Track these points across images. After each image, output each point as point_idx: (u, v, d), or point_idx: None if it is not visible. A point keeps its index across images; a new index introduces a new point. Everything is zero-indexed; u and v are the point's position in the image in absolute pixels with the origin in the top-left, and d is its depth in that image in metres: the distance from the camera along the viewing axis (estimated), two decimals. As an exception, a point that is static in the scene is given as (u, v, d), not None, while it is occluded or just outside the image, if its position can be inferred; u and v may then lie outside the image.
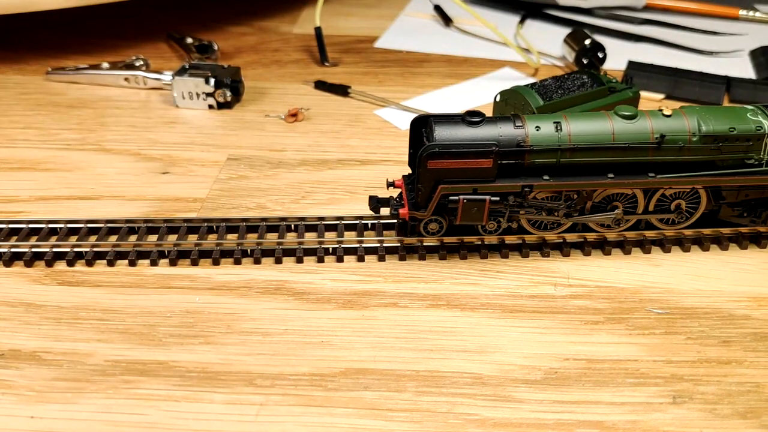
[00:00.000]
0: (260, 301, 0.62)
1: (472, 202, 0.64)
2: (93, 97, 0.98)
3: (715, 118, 0.65)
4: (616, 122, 0.64)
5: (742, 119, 0.65)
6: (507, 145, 0.63)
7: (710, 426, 0.51)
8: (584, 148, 0.64)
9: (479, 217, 0.65)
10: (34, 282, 0.64)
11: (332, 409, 0.53)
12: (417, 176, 0.64)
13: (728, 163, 0.66)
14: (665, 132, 0.64)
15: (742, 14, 1.22)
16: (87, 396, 0.53)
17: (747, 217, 0.69)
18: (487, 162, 0.63)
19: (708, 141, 0.64)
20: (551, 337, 0.59)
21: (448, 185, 0.63)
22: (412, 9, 1.31)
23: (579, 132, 0.64)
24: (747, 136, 0.64)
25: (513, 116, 0.65)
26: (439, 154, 0.62)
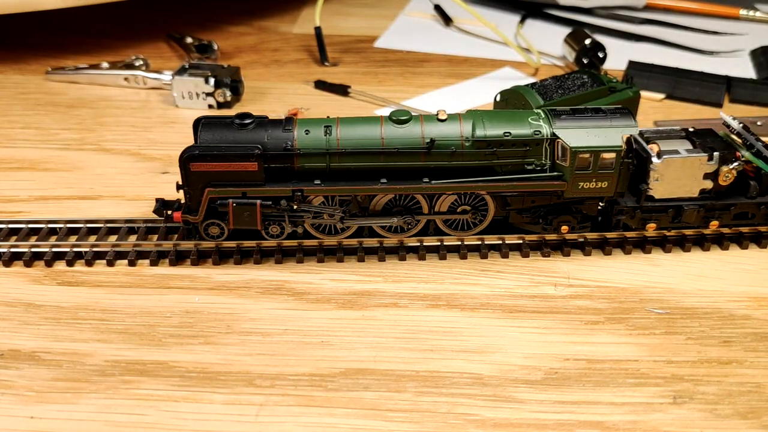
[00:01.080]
0: (260, 301, 0.62)
1: (242, 206, 0.63)
2: (92, 96, 0.98)
3: (491, 123, 0.63)
4: (387, 127, 0.63)
5: (521, 124, 0.64)
6: (274, 148, 0.62)
7: (711, 426, 0.51)
8: (353, 153, 0.63)
9: (252, 222, 0.64)
10: (33, 282, 0.64)
11: (332, 409, 0.52)
12: (183, 179, 0.63)
13: (507, 169, 0.64)
14: (436, 137, 0.63)
15: (742, 14, 1.22)
16: (86, 396, 0.53)
17: (539, 224, 0.67)
18: (252, 165, 0.62)
19: (482, 146, 0.63)
20: (551, 337, 0.59)
21: (215, 188, 0.63)
22: (412, 9, 1.31)
23: (348, 136, 0.63)
24: (524, 141, 0.63)
25: (285, 120, 0.64)
26: (200, 156, 0.62)
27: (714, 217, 0.67)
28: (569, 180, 0.64)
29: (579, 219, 0.67)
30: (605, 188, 0.64)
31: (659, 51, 1.13)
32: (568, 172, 0.63)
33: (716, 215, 0.67)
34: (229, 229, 0.65)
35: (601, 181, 0.64)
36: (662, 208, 0.66)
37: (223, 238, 0.66)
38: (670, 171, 0.64)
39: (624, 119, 0.64)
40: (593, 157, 0.63)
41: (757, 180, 0.67)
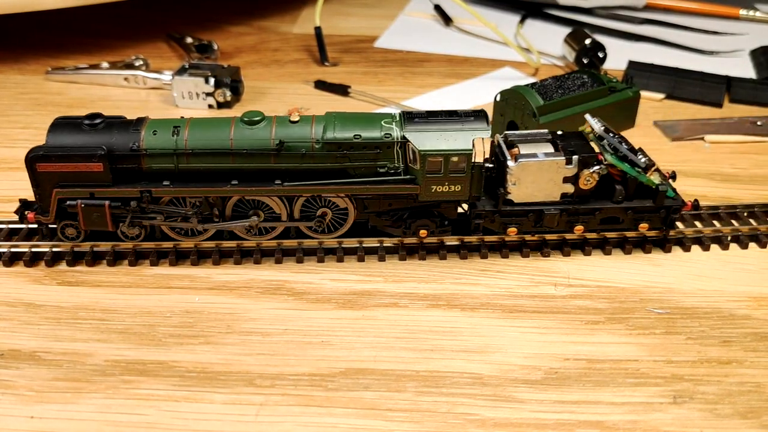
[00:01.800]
0: (260, 301, 0.62)
1: (90, 207, 0.63)
2: (92, 96, 0.98)
3: (342, 126, 0.63)
4: (237, 128, 0.63)
5: (372, 126, 0.63)
6: (121, 149, 0.62)
7: (711, 426, 0.51)
8: (202, 154, 0.62)
9: (103, 223, 0.63)
10: (33, 282, 0.64)
11: (332, 409, 0.52)
12: (31, 180, 0.63)
13: (360, 171, 0.64)
14: (286, 139, 0.62)
15: (742, 14, 1.22)
16: (86, 396, 0.53)
17: (399, 227, 0.67)
18: (96, 166, 0.62)
19: (332, 148, 0.63)
20: (551, 337, 0.59)
21: (63, 189, 0.62)
22: (412, 9, 1.31)
23: (196, 137, 0.62)
24: (375, 143, 0.63)
25: (136, 120, 0.64)
26: (45, 157, 0.61)
27: (578, 221, 0.67)
28: (422, 183, 0.63)
29: (438, 223, 0.66)
30: (459, 192, 0.64)
31: (659, 51, 1.13)
32: (419, 175, 0.63)
33: (580, 220, 0.66)
34: (84, 230, 0.65)
35: (454, 185, 0.63)
36: (523, 212, 0.66)
37: (80, 239, 0.66)
38: (527, 174, 0.64)
39: (476, 123, 0.63)
40: (443, 161, 0.62)
41: (623, 184, 0.66)
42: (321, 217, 0.66)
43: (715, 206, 0.72)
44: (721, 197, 0.77)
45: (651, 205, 0.66)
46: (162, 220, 0.64)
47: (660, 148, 0.86)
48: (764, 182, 0.80)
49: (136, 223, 0.64)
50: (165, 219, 0.64)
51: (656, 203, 0.66)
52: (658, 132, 0.90)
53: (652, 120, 0.93)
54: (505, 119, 0.85)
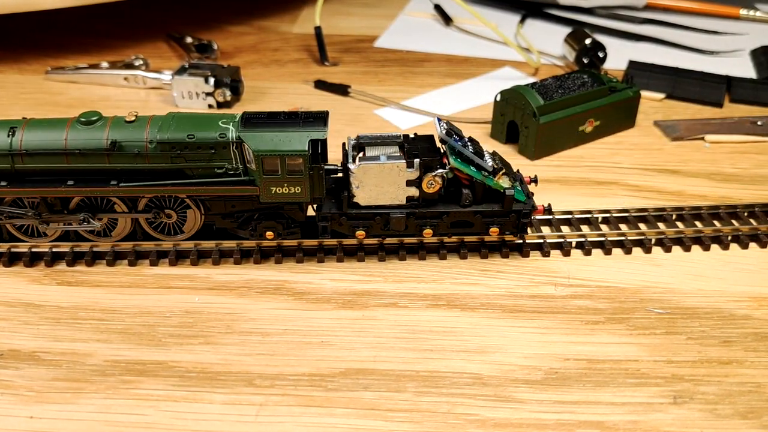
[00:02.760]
0: (260, 301, 0.62)
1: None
2: (92, 96, 0.98)
3: (177, 126, 0.62)
4: (73, 128, 0.63)
5: (208, 127, 0.62)
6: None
7: (711, 426, 0.51)
8: (36, 154, 0.62)
9: None
10: (33, 282, 0.64)
11: (332, 409, 0.52)
12: None
13: (198, 172, 0.63)
14: (120, 139, 0.62)
15: (742, 14, 1.22)
16: (86, 396, 0.53)
17: (246, 229, 0.66)
18: None
19: (165, 148, 0.62)
20: (552, 337, 0.59)
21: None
22: (412, 8, 1.31)
23: (31, 138, 0.62)
24: (209, 143, 0.62)
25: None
26: None
27: (427, 225, 0.66)
28: (260, 185, 0.63)
29: (285, 225, 0.66)
30: (299, 193, 0.63)
31: (659, 51, 1.13)
32: (258, 176, 0.63)
33: (428, 223, 0.66)
34: None
35: (293, 186, 0.63)
36: (369, 215, 0.65)
37: None
38: (369, 177, 0.64)
39: (315, 125, 0.63)
40: (280, 162, 0.62)
41: (470, 188, 0.65)
42: (159, 211, 0.65)
43: (715, 206, 0.72)
44: (721, 197, 0.76)
45: (499, 209, 0.65)
46: (5, 220, 0.65)
47: (660, 148, 0.86)
48: (764, 182, 0.80)
49: None
50: (6, 219, 0.64)
51: (504, 207, 0.65)
52: (659, 132, 0.90)
53: (653, 120, 0.93)
54: (505, 119, 0.85)
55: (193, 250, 0.66)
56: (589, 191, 0.78)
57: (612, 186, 0.78)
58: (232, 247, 0.67)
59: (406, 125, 0.91)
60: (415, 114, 0.94)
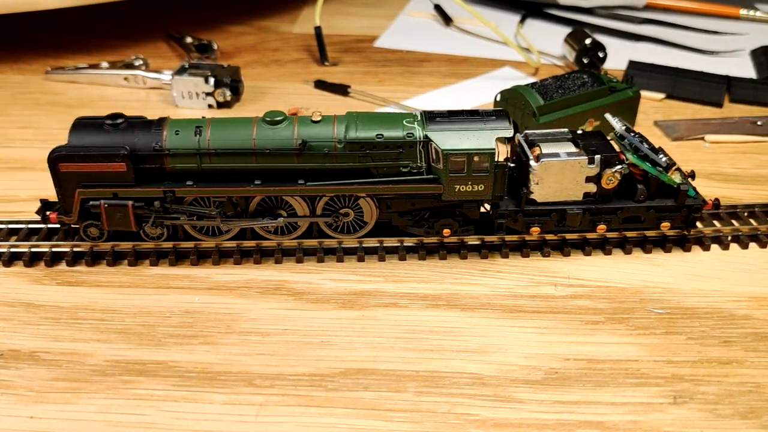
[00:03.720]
0: (260, 301, 0.62)
1: (114, 207, 0.62)
2: (92, 96, 0.98)
3: (364, 125, 0.63)
4: (260, 128, 0.63)
5: (394, 126, 0.63)
6: (143, 149, 0.62)
7: (711, 426, 0.51)
8: (224, 154, 0.62)
9: (126, 223, 0.63)
10: (33, 282, 0.64)
11: (332, 409, 0.52)
12: (54, 180, 0.62)
13: (383, 171, 0.64)
14: (309, 138, 0.62)
15: (742, 14, 1.22)
16: (86, 396, 0.53)
17: (422, 227, 0.67)
18: (120, 166, 0.61)
19: (354, 147, 0.62)
20: (552, 337, 0.59)
21: (86, 189, 0.62)
22: (412, 8, 1.31)
23: (219, 137, 0.62)
24: (397, 143, 0.63)
25: (157, 120, 0.63)
26: (67, 157, 0.61)
27: (601, 221, 0.66)
28: (445, 183, 0.63)
29: (461, 222, 0.66)
30: (482, 191, 0.64)
31: (659, 51, 1.13)
32: (443, 174, 0.63)
33: (602, 219, 0.66)
34: (107, 230, 0.65)
35: (477, 184, 0.63)
36: (546, 212, 0.66)
37: (102, 239, 0.66)
38: (550, 174, 0.64)
39: (499, 122, 0.63)
40: (467, 160, 0.62)
41: (645, 183, 0.66)
42: (338, 213, 0.66)
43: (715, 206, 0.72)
44: (721, 197, 0.76)
45: (673, 204, 0.66)
46: (185, 220, 0.64)
47: (660, 148, 0.86)
48: (764, 182, 0.80)
49: (158, 223, 0.64)
50: (188, 218, 0.64)
51: (678, 202, 0.66)
52: (659, 132, 0.90)
53: (653, 120, 0.93)
54: (505, 119, 0.85)
55: (193, 250, 0.66)
56: (589, 191, 0.77)
57: (612, 186, 0.78)
58: (232, 247, 0.67)
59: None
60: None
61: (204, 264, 0.66)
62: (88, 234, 0.65)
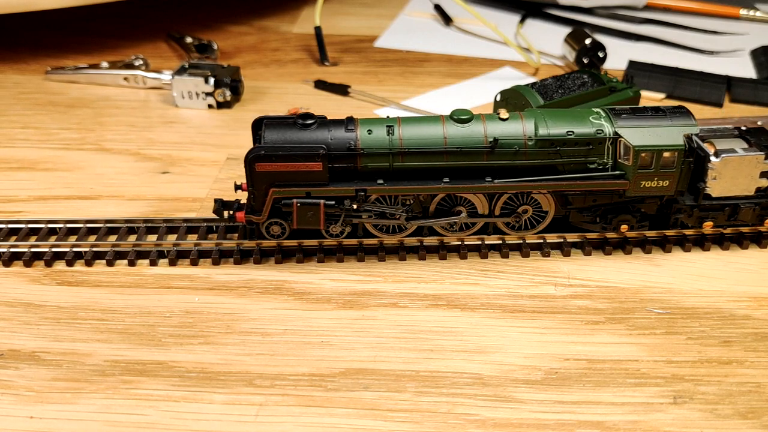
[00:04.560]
0: (260, 301, 0.62)
1: (306, 205, 0.63)
2: (92, 96, 0.98)
3: (553, 122, 0.64)
4: (449, 126, 0.63)
5: (583, 122, 0.64)
6: (338, 148, 0.63)
7: (711, 426, 0.51)
8: (416, 152, 0.63)
9: (316, 221, 0.64)
10: (33, 282, 0.64)
11: (332, 409, 0.52)
12: (248, 179, 0.63)
13: (570, 167, 0.64)
14: (499, 136, 0.63)
15: (742, 14, 1.22)
16: (86, 396, 0.53)
17: (598, 223, 0.67)
18: (316, 165, 0.62)
19: (545, 145, 0.63)
20: (552, 337, 0.59)
21: (279, 188, 0.63)
22: (412, 8, 1.31)
23: (410, 136, 0.63)
24: (587, 139, 0.63)
25: (347, 120, 0.64)
26: (266, 156, 0.62)
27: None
28: (631, 179, 0.64)
29: (638, 218, 0.67)
30: (666, 187, 0.65)
31: (659, 51, 1.13)
32: (630, 170, 0.64)
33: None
34: (291, 228, 0.65)
35: (663, 180, 0.64)
36: (719, 207, 0.67)
37: (284, 237, 0.66)
38: (728, 170, 0.65)
39: (684, 118, 0.64)
40: (655, 156, 0.63)
41: None
42: (519, 213, 0.66)
43: (715, 206, 0.72)
44: (721, 197, 0.76)
45: None
46: (369, 218, 0.65)
47: (660, 148, 0.86)
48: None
49: (347, 221, 0.65)
50: (372, 216, 0.65)
51: None
52: (659, 132, 0.90)
53: (653, 120, 0.93)
54: (505, 119, 0.85)
55: (194, 250, 0.66)
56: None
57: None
58: (231, 247, 0.67)
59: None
60: (415, 114, 0.94)
61: (204, 264, 0.66)
62: (270, 232, 0.66)
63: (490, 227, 0.68)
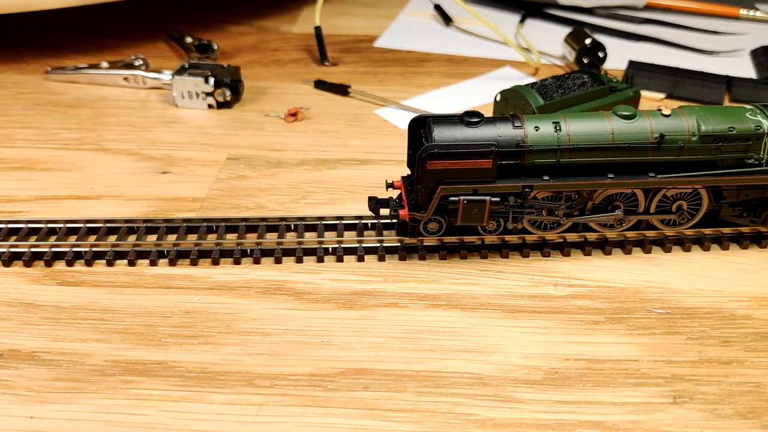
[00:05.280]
0: (260, 301, 0.62)
1: (472, 202, 0.64)
2: (92, 96, 0.98)
3: (714, 118, 0.65)
4: (616, 122, 0.64)
5: (741, 119, 0.65)
6: (506, 145, 0.63)
7: (711, 426, 0.51)
8: (584, 149, 0.64)
9: (480, 218, 0.65)
10: (33, 282, 0.64)
11: (332, 409, 0.52)
12: (417, 177, 0.63)
13: (728, 163, 0.66)
14: (664, 132, 0.64)
15: (742, 14, 1.22)
16: (86, 396, 0.53)
17: (747, 217, 0.69)
18: (486, 162, 0.62)
19: (707, 141, 0.64)
20: (552, 337, 0.59)
21: (448, 186, 0.63)
22: (412, 8, 1.31)
23: (578, 132, 0.64)
24: (746, 135, 0.64)
25: (512, 116, 0.65)
26: (438, 155, 0.62)
27: None
28: None
29: None
30: None
31: (659, 51, 1.13)
32: None
33: None
34: (449, 225, 0.66)
35: None
36: None
37: (440, 233, 0.67)
38: None
39: None
40: None
41: None
42: (680, 209, 0.67)
43: (715, 206, 0.72)
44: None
45: None
46: (534, 214, 0.66)
47: (660, 148, 0.86)
48: None
49: (516, 217, 0.66)
50: (536, 213, 0.66)
51: None
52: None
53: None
54: (505, 119, 0.85)
55: (193, 250, 0.66)
56: (589, 191, 0.77)
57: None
58: (231, 246, 0.67)
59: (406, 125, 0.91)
60: (415, 114, 0.94)
61: (204, 264, 0.66)
62: (427, 229, 0.67)
63: (643, 223, 0.69)
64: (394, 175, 0.71)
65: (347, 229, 0.70)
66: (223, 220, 0.70)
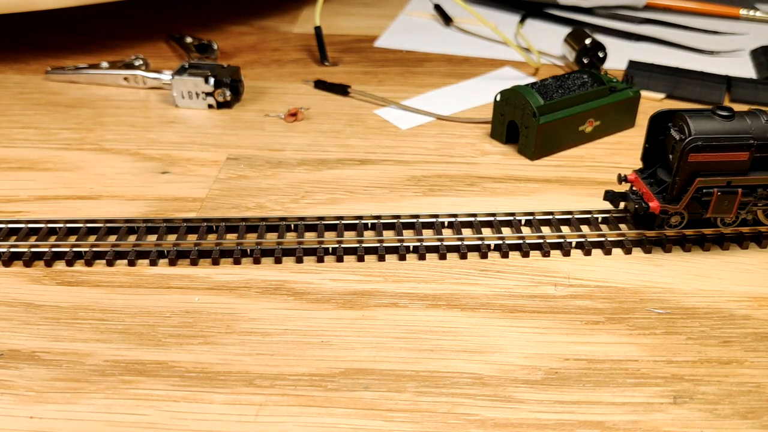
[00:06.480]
0: (260, 301, 0.62)
1: (725, 194, 0.65)
2: (92, 96, 0.98)
3: None
4: None
5: None
6: (760, 138, 0.64)
7: (711, 426, 0.51)
8: None
9: (729, 210, 0.66)
10: (33, 282, 0.64)
11: (332, 409, 0.52)
12: (675, 170, 0.64)
13: None
14: None
15: (743, 14, 1.22)
16: (86, 396, 0.53)
17: None
18: (743, 155, 0.64)
19: None
20: (551, 337, 0.59)
21: (704, 178, 0.64)
22: (412, 8, 1.31)
23: None
24: None
25: (758, 111, 0.66)
26: (700, 147, 0.63)
27: None
28: None
29: None
30: None
31: (659, 51, 1.13)
32: None
33: None
34: (690, 218, 0.67)
35: None
36: None
37: (681, 226, 0.68)
38: None
39: None
40: None
41: None
42: None
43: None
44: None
45: None
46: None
47: (660, 148, 0.86)
48: None
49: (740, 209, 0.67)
50: None
51: None
52: (659, 132, 0.90)
53: (653, 120, 0.93)
54: (505, 119, 0.85)
55: (193, 250, 0.66)
56: (589, 191, 0.78)
57: (612, 186, 0.78)
58: (231, 246, 0.67)
59: (406, 125, 0.91)
60: (415, 114, 0.94)
61: (204, 264, 0.66)
62: (670, 223, 0.68)
63: None
64: (394, 175, 0.71)
65: (347, 229, 0.70)
66: (223, 220, 0.70)
